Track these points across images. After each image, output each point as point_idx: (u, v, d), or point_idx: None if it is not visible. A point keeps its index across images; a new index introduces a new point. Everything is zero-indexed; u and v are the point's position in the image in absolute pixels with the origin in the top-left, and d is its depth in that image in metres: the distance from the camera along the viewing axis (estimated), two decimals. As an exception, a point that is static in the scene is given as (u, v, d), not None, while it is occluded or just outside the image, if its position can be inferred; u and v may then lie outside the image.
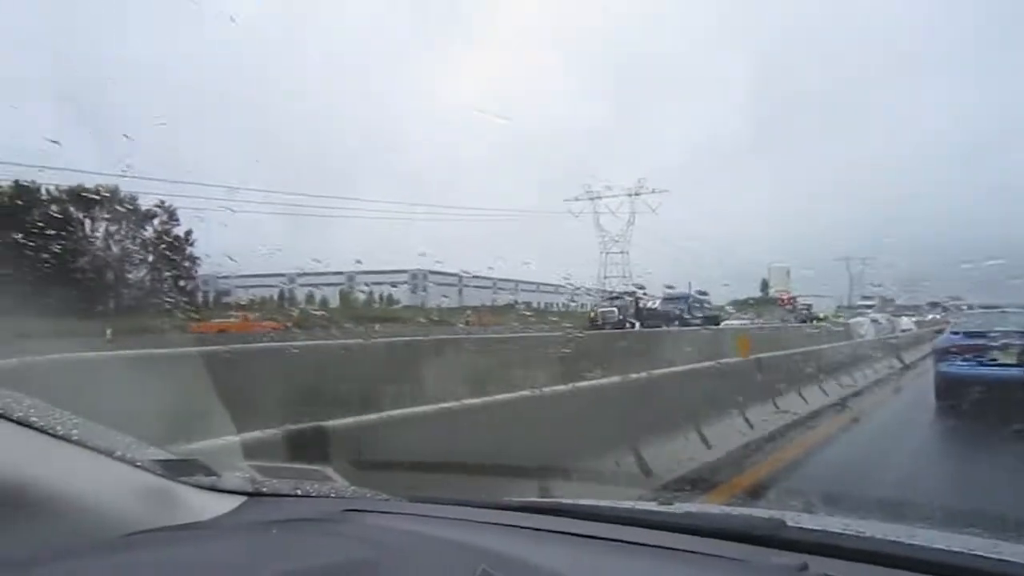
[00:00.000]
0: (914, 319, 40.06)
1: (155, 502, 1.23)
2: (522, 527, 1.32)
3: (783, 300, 56.58)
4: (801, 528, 1.24)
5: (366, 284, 59.83)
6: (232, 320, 32.04)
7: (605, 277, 66.63)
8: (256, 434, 2.55)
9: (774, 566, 1.11)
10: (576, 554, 1.21)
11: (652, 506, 1.57)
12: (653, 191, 67.91)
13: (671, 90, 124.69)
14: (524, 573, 1.06)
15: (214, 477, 1.41)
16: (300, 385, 5.79)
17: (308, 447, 2.63)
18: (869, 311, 44.12)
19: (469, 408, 3.82)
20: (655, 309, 42.97)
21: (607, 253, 69.82)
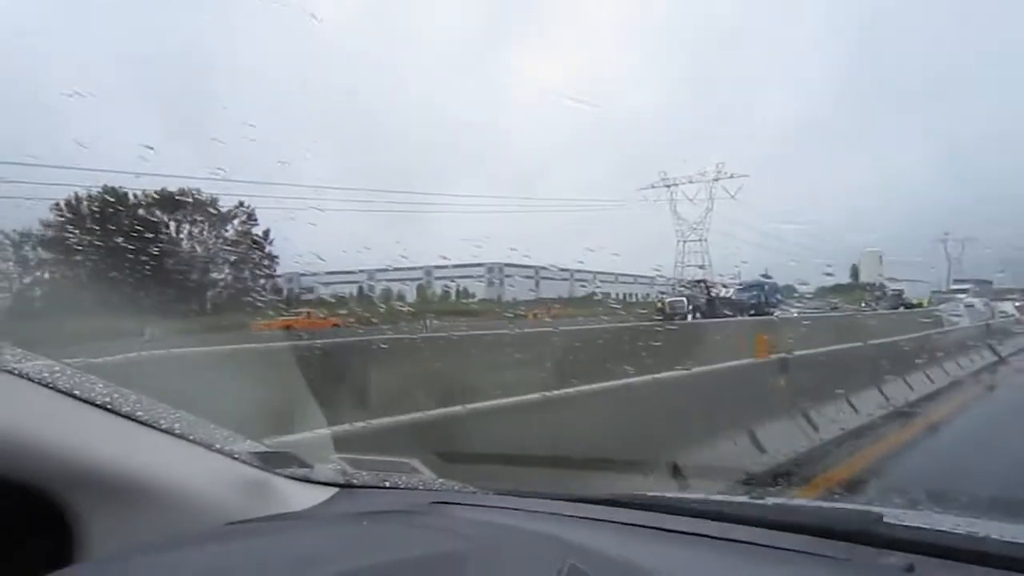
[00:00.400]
0: (1017, 303, 36.96)
1: (253, 493, 1.31)
2: (608, 521, 1.33)
3: (872, 286, 54.91)
4: (905, 526, 1.18)
5: (445, 279, 61.10)
6: (297, 317, 32.54)
7: (684, 266, 65.76)
8: (345, 427, 2.66)
9: (878, 566, 1.07)
10: (664, 549, 1.21)
11: (743, 499, 1.53)
12: (732, 176, 66.40)
13: (757, 70, 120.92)
14: (610, 568, 1.06)
15: (307, 469, 1.49)
16: (372, 378, 5.98)
17: (395, 439, 2.74)
18: (963, 295, 41.67)
19: (542, 402, 3.87)
20: (728, 298, 42.04)
21: (684, 241, 68.93)
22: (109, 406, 1.18)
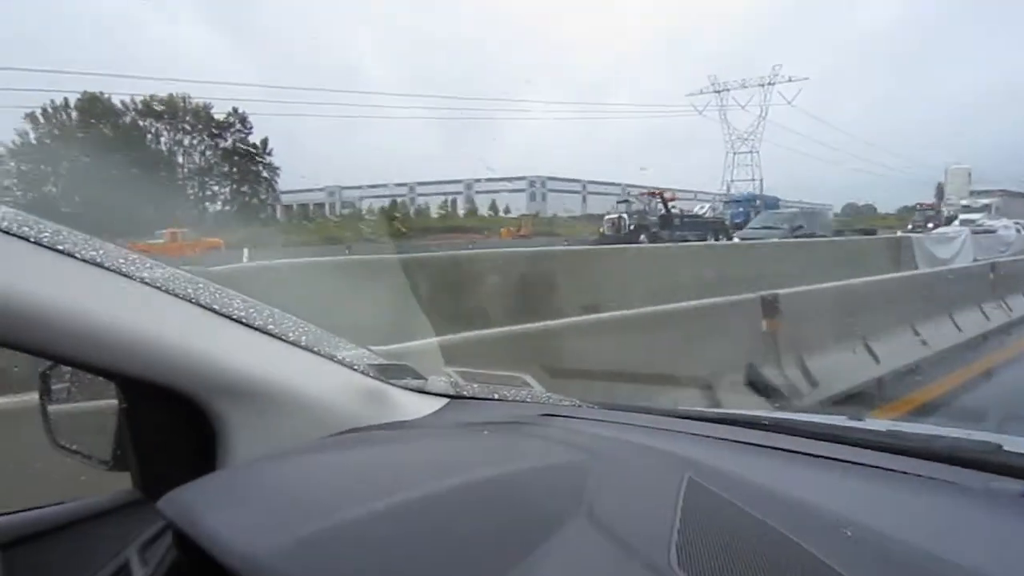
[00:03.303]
0: None
1: (372, 402, 1.61)
2: (722, 439, 1.51)
3: (923, 205, 53.71)
4: (1022, 453, 1.29)
5: (487, 192, 61.62)
6: (158, 242, 30.70)
7: (734, 180, 65.00)
8: (451, 337, 3.03)
9: (991, 491, 1.18)
10: (779, 468, 1.36)
11: (853, 423, 1.73)
12: (790, 79, 64.68)
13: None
14: (729, 483, 1.20)
15: (421, 380, 1.79)
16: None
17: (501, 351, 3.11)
18: (978, 215, 36.99)
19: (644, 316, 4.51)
20: (697, 216, 38.59)
21: (735, 153, 68.02)
22: (244, 320, 1.47)
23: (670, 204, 37.37)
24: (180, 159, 44.73)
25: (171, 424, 1.42)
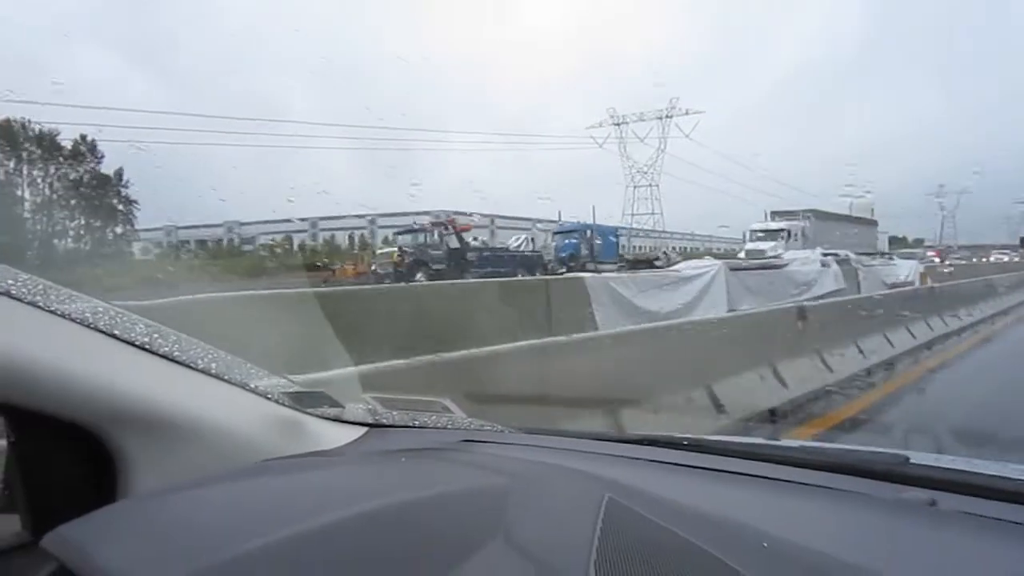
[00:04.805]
0: (924, 264, 26.44)
1: (286, 431, 1.63)
2: (640, 459, 1.63)
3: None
4: (929, 466, 1.46)
5: (387, 227, 62.58)
6: None
7: (634, 214, 67.76)
8: (373, 366, 3.05)
9: (901, 500, 1.32)
10: (698, 486, 1.48)
11: (769, 440, 1.88)
12: (687, 112, 68.55)
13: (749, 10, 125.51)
14: (648, 502, 1.30)
15: (338, 409, 1.82)
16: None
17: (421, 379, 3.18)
18: (769, 244, 34.21)
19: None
20: (504, 250, 35.44)
21: (635, 187, 71.27)
22: (148, 346, 1.47)
23: (465, 235, 33.61)
24: (20, 192, 42.36)
25: (66, 459, 1.39)
